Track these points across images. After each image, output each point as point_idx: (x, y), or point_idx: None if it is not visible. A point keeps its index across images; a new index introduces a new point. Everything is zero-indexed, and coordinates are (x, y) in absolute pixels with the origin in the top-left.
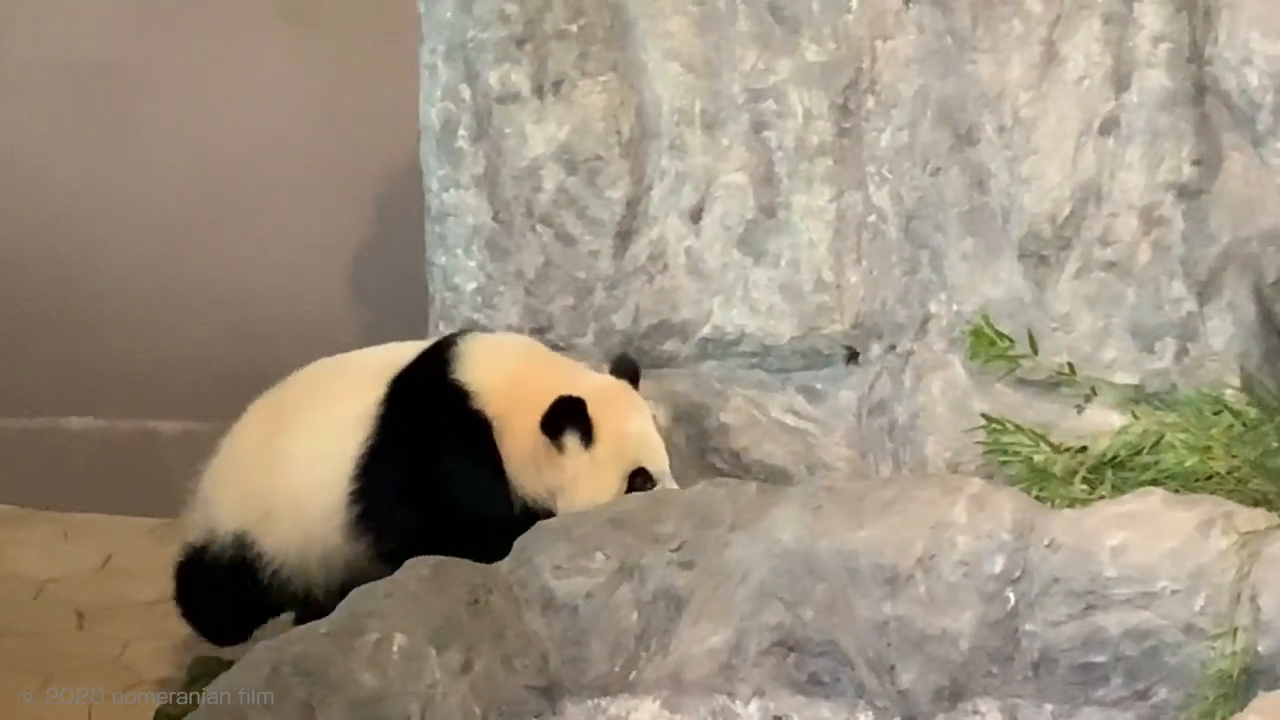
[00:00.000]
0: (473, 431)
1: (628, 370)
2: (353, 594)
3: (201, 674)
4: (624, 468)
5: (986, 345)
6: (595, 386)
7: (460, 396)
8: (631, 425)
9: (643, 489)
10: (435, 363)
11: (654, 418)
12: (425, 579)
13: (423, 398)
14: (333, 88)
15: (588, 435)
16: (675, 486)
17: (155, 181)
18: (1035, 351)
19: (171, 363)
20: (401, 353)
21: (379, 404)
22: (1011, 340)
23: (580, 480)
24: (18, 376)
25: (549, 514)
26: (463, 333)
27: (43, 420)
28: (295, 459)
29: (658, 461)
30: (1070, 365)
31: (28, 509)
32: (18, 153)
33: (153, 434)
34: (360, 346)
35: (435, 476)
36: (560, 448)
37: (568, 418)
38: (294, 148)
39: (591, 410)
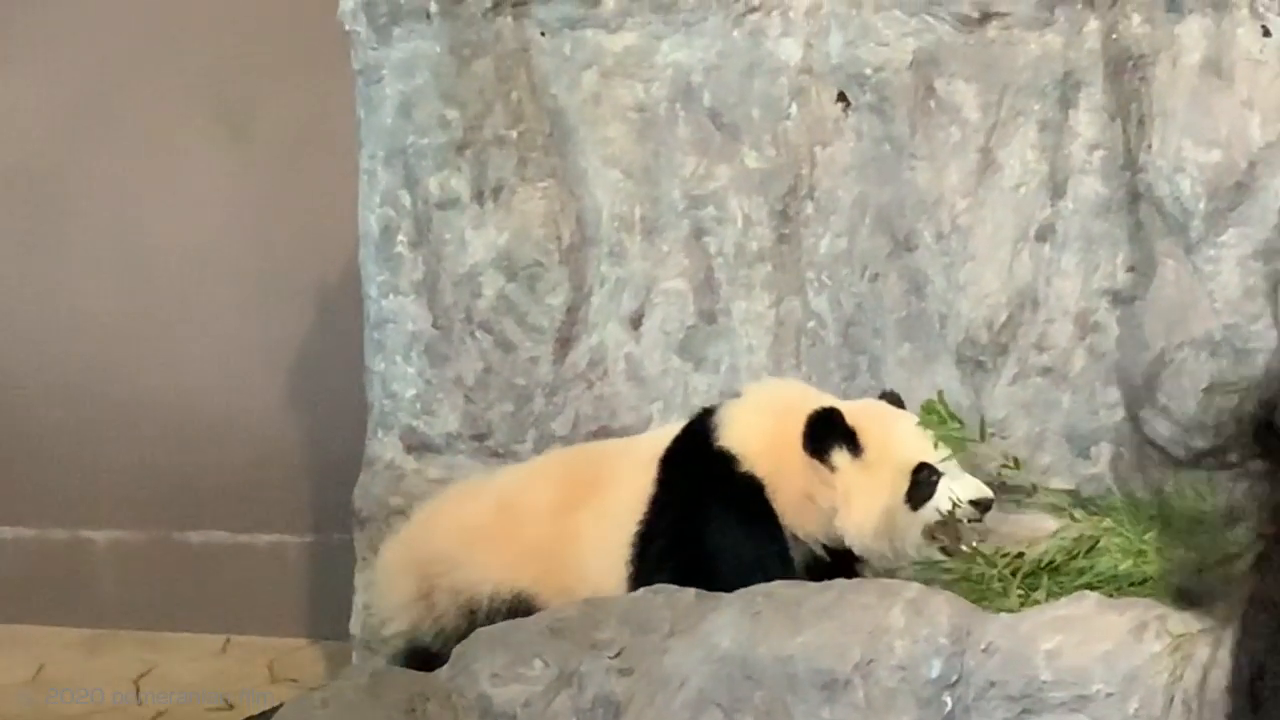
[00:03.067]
0: (744, 495)
1: (889, 399)
2: (287, 705)
3: None
4: (902, 466)
5: (937, 423)
6: (852, 404)
7: (727, 462)
8: (899, 424)
9: (928, 483)
10: (698, 435)
11: None
12: (363, 688)
13: (692, 472)
14: (269, 192)
15: (854, 444)
16: (969, 478)
17: (89, 288)
18: (983, 438)
19: (104, 470)
20: (679, 428)
21: (653, 484)
22: (962, 422)
23: (855, 492)
24: None
25: (842, 556)
26: (724, 400)
27: None
28: (588, 540)
29: (937, 453)
30: (1015, 460)
31: None
32: None
33: (85, 543)
34: (299, 453)
35: (712, 547)
36: (831, 467)
37: (828, 431)
38: (230, 253)
39: (852, 419)
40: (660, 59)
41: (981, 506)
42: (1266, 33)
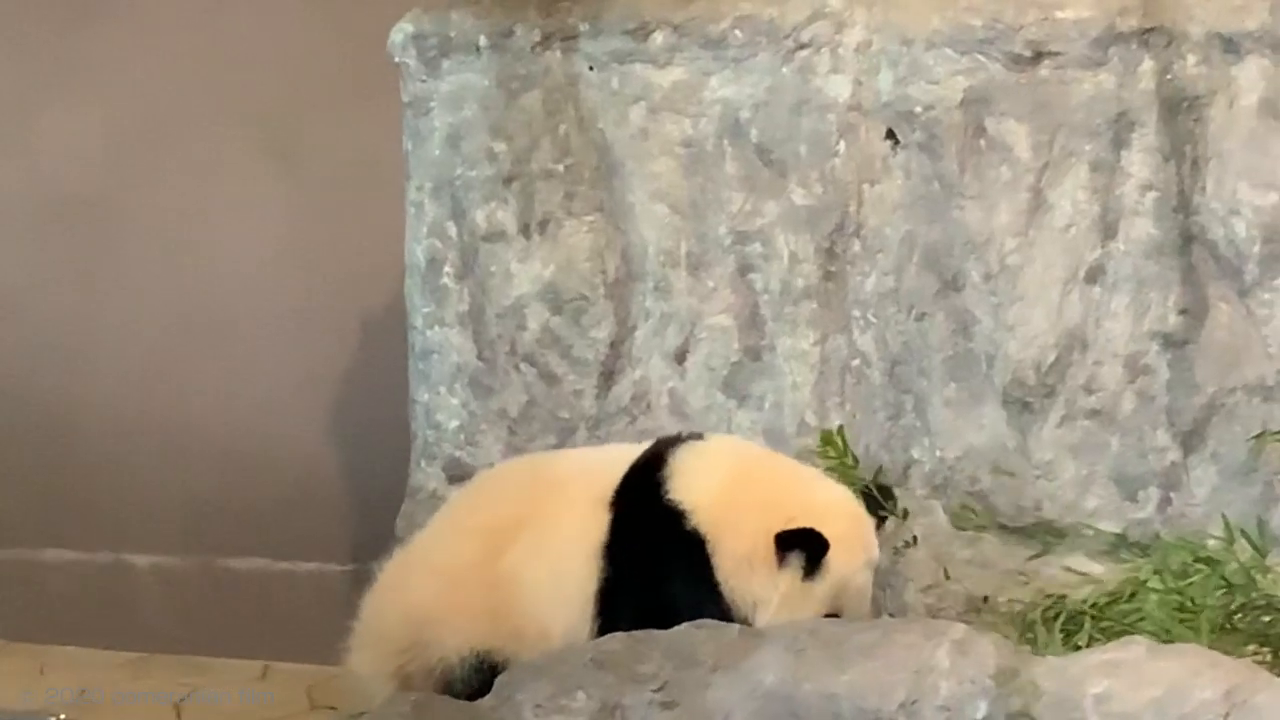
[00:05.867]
0: (692, 556)
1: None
2: None
3: None
4: (826, 607)
5: (831, 454)
6: (836, 518)
7: (676, 519)
8: (858, 579)
9: None
10: (650, 485)
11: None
12: (405, 716)
13: (643, 527)
14: (316, 223)
15: (815, 569)
16: None
17: (136, 315)
18: (876, 483)
19: (148, 496)
20: (610, 464)
21: (606, 533)
22: (857, 461)
23: (788, 601)
24: None
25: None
26: (672, 444)
27: (18, 552)
28: (536, 583)
29: (857, 613)
30: (1045, 519)
31: (3, 641)
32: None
33: (129, 567)
34: (342, 482)
35: (669, 611)
36: (781, 560)
37: (807, 548)
38: (277, 283)
39: (836, 554)
40: (708, 95)
41: None
42: None
